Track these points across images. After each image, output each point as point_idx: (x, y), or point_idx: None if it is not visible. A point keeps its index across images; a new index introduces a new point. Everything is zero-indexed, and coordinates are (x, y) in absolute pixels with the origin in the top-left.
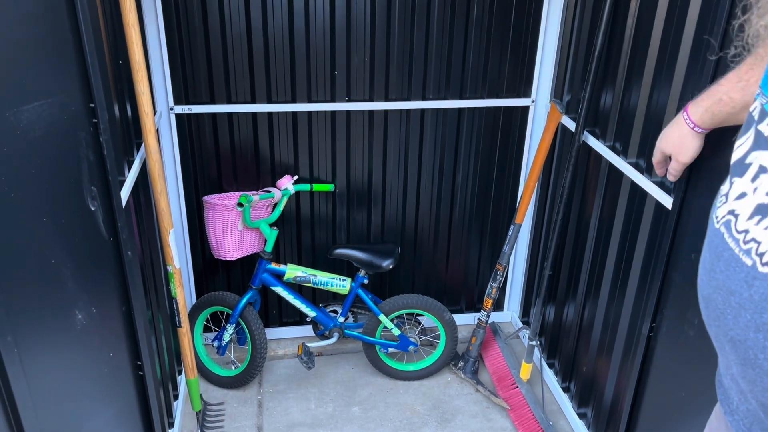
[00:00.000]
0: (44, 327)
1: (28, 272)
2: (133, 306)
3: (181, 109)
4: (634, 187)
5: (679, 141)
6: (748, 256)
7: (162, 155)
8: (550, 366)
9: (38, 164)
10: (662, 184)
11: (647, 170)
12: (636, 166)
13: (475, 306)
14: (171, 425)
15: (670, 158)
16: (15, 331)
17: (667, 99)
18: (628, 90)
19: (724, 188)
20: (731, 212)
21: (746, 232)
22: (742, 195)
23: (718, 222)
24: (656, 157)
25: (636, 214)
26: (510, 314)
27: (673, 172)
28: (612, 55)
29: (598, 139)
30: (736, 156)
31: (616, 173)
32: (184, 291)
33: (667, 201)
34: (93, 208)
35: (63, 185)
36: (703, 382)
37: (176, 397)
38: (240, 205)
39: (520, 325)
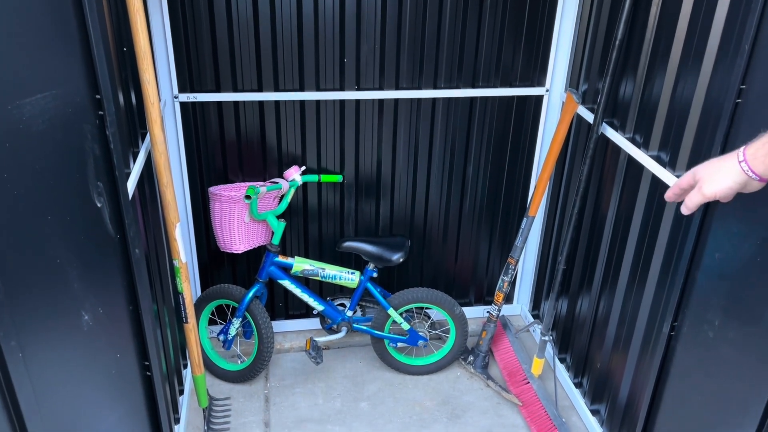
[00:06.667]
0: (50, 330)
1: (32, 273)
2: (141, 305)
3: (185, 97)
4: (655, 181)
5: (717, 174)
6: None
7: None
8: (562, 361)
9: (42, 160)
10: None
11: (670, 164)
12: (658, 159)
13: (484, 299)
14: (177, 421)
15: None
16: (19, 335)
17: (694, 89)
18: (651, 80)
19: None
20: None
21: None
22: None
23: None
24: (682, 181)
25: (657, 209)
26: (520, 307)
27: (690, 203)
28: (633, 43)
29: (616, 131)
30: None
31: (635, 166)
32: (190, 286)
33: None
34: (99, 205)
35: (68, 181)
36: (722, 385)
37: (182, 392)
38: (248, 197)
39: (530, 318)
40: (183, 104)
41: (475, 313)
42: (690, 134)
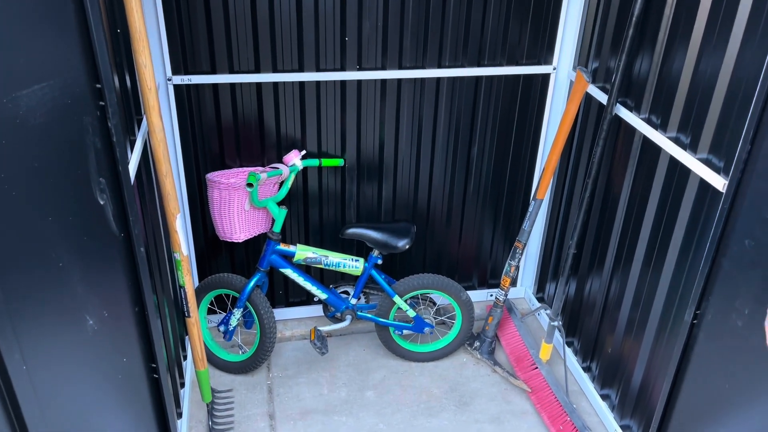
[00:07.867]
0: (54, 337)
1: (33, 278)
2: (147, 306)
3: (179, 79)
4: (674, 164)
5: None
6: None
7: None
8: (569, 345)
9: (41, 156)
10: (709, 162)
11: (690, 146)
12: (677, 141)
13: (487, 282)
14: (179, 415)
15: None
16: (22, 345)
17: (719, 67)
18: (669, 57)
19: None
20: None
21: None
22: None
23: None
24: None
25: (675, 192)
26: (523, 290)
27: None
28: (651, 18)
29: (631, 111)
30: None
31: (652, 148)
32: (191, 279)
33: (715, 181)
34: (102, 202)
35: (69, 178)
36: (750, 374)
37: (182, 385)
38: (249, 185)
39: (535, 301)
40: (177, 87)
41: (478, 296)
42: (714, 115)
